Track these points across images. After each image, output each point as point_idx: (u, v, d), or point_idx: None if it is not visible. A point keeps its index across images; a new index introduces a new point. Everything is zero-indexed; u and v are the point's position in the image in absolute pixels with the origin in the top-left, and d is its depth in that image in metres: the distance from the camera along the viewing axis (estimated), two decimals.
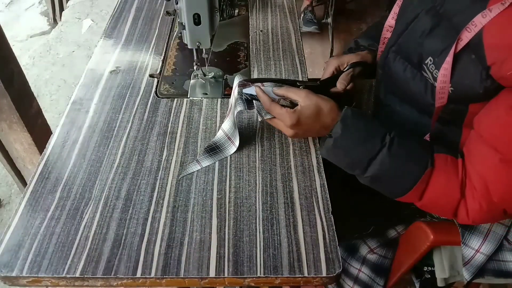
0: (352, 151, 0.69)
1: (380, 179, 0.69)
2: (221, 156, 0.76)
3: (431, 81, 0.68)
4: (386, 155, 0.66)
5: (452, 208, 0.66)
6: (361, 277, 0.85)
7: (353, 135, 0.68)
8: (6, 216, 1.67)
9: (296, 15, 1.18)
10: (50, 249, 0.62)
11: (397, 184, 0.68)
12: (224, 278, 0.59)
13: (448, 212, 0.68)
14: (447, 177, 0.66)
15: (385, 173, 0.67)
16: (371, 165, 0.67)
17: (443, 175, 0.66)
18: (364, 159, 0.67)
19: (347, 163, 0.71)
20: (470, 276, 0.77)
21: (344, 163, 0.71)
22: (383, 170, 0.67)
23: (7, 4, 3.02)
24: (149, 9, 1.20)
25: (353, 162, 0.70)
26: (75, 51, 2.56)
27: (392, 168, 0.67)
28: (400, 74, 0.74)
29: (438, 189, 0.66)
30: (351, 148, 0.68)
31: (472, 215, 0.65)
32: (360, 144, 0.68)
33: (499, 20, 0.57)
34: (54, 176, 0.73)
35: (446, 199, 0.66)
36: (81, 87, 0.92)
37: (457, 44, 0.61)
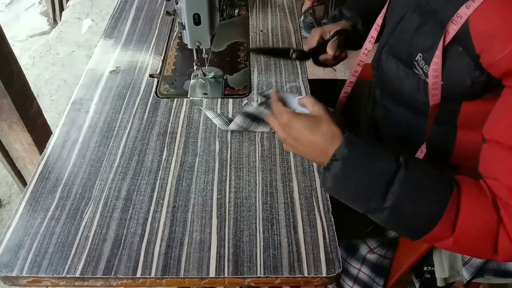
0: (364, 174, 0.58)
1: (403, 209, 0.57)
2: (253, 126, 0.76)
3: (422, 78, 0.68)
4: (404, 176, 0.56)
5: (491, 237, 0.54)
6: (361, 277, 0.85)
7: (362, 155, 0.58)
8: (6, 216, 1.67)
9: (296, 15, 1.18)
10: (50, 249, 0.62)
11: (423, 212, 0.56)
12: (224, 278, 0.59)
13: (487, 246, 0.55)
14: (477, 197, 0.55)
15: (407, 198, 0.56)
16: (390, 190, 0.56)
17: (473, 195, 0.56)
18: (380, 183, 0.56)
19: (361, 193, 0.59)
20: (470, 276, 0.77)
21: (356, 193, 0.60)
22: (404, 194, 0.56)
23: (7, 4, 3.02)
24: (149, 9, 1.20)
25: (367, 189, 0.58)
26: (75, 51, 2.56)
27: (415, 190, 0.56)
28: (393, 74, 0.74)
29: (471, 212, 0.55)
30: (363, 171, 0.58)
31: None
32: (372, 165, 0.57)
33: (483, 8, 0.57)
34: (54, 176, 0.73)
35: (482, 223, 0.55)
36: (81, 87, 0.92)
37: (445, 37, 0.61)
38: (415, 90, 0.70)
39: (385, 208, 0.57)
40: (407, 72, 0.71)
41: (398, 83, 0.74)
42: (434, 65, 0.63)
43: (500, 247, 0.54)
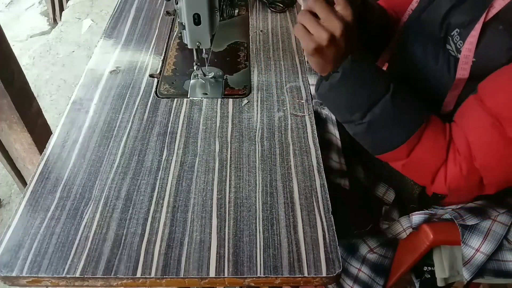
0: (357, 91, 0.66)
1: (377, 127, 0.67)
2: None
3: (453, 53, 0.68)
4: (388, 101, 0.65)
5: (433, 170, 0.66)
6: (361, 276, 0.85)
7: (362, 74, 0.66)
8: (6, 216, 1.67)
9: (296, 15, 1.18)
10: (50, 249, 0.62)
11: (392, 135, 0.67)
12: (224, 278, 0.59)
13: (427, 176, 0.67)
14: (437, 136, 0.66)
15: (383, 120, 0.66)
16: (372, 110, 0.65)
17: (434, 133, 0.66)
18: (367, 101, 0.65)
19: (348, 104, 0.68)
20: (470, 276, 0.77)
21: (344, 103, 0.68)
22: (382, 116, 0.65)
23: (7, 4, 3.02)
24: (149, 9, 1.20)
25: (354, 104, 0.67)
26: (75, 51, 2.56)
27: (392, 117, 0.65)
28: (418, 54, 0.74)
29: (427, 147, 0.65)
30: (357, 88, 0.66)
31: (449, 180, 0.65)
32: (366, 85, 0.66)
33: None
34: (54, 176, 0.73)
35: (432, 158, 0.66)
36: (81, 87, 0.92)
37: (488, 12, 0.61)
38: (445, 70, 0.70)
39: (362, 123, 0.67)
40: (437, 50, 0.71)
41: (424, 64, 0.74)
42: (471, 38, 0.63)
43: (436, 181, 0.67)
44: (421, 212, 0.80)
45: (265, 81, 0.94)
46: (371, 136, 0.69)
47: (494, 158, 0.62)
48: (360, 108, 0.66)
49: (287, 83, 0.94)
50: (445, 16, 0.69)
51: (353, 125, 0.69)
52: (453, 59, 0.69)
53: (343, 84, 0.66)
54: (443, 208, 0.82)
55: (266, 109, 0.87)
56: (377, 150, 0.70)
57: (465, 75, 0.66)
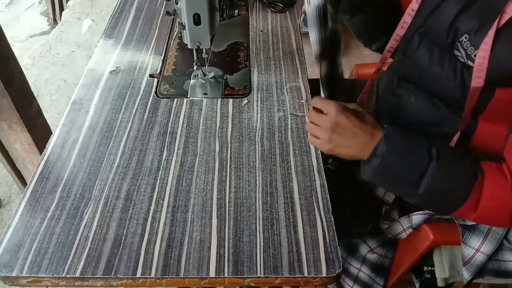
0: (401, 168, 0.65)
1: (433, 195, 0.66)
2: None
3: (462, 60, 0.67)
4: (435, 168, 0.63)
5: (507, 215, 0.64)
6: (361, 276, 0.85)
7: (399, 151, 0.65)
8: (6, 216, 1.67)
9: (296, 15, 1.19)
10: (50, 249, 0.62)
11: (451, 197, 0.65)
12: (224, 278, 0.59)
13: (504, 221, 0.65)
14: (498, 184, 0.63)
15: (437, 186, 0.65)
16: (423, 180, 0.64)
17: (494, 182, 0.64)
18: (414, 174, 0.65)
19: (397, 182, 0.68)
20: (470, 276, 0.77)
21: (393, 183, 0.69)
22: (435, 183, 0.64)
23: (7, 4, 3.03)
24: (149, 9, 1.20)
25: (403, 180, 0.67)
26: (75, 51, 2.56)
27: (444, 181, 0.64)
28: (424, 59, 0.73)
29: (492, 197, 0.64)
30: (400, 165, 0.65)
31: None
32: (408, 160, 0.65)
33: None
34: (54, 176, 0.73)
35: (501, 206, 0.64)
36: (81, 87, 0.92)
37: (501, 18, 0.60)
38: (450, 76, 0.69)
39: (418, 195, 0.66)
40: (443, 55, 0.70)
41: (429, 69, 0.73)
42: (484, 45, 0.62)
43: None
44: (421, 212, 0.80)
45: (265, 81, 0.94)
46: (431, 203, 0.69)
47: None
48: (411, 183, 0.65)
49: (287, 83, 0.94)
50: (453, 21, 0.67)
51: (411, 198, 0.69)
52: (460, 65, 0.68)
53: (385, 166, 0.66)
54: None
55: (266, 109, 0.87)
56: (443, 212, 0.70)
57: (481, 83, 0.65)
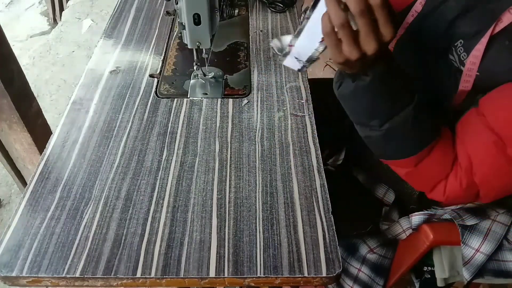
0: (382, 98, 0.62)
1: (392, 136, 0.65)
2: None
3: (456, 65, 0.67)
4: (410, 112, 0.62)
5: (435, 182, 0.66)
6: (361, 276, 0.85)
7: (391, 81, 0.62)
8: (6, 216, 1.67)
9: (296, 15, 1.19)
10: (50, 249, 0.62)
11: (405, 145, 0.66)
12: (224, 278, 0.59)
13: (427, 185, 0.68)
14: (447, 151, 0.66)
15: (401, 130, 0.64)
16: (392, 118, 0.63)
17: (444, 148, 0.66)
18: (389, 110, 0.63)
19: (369, 110, 0.64)
20: (470, 276, 0.77)
21: (365, 108, 0.65)
22: (401, 127, 0.63)
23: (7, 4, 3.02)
24: (149, 9, 1.20)
25: (376, 110, 0.64)
26: (75, 51, 2.56)
27: (410, 128, 0.64)
28: (421, 59, 0.73)
29: (436, 160, 0.66)
30: (383, 95, 0.62)
31: (448, 192, 0.66)
32: (393, 93, 0.62)
33: None
34: (54, 176, 0.73)
35: (437, 172, 0.66)
36: (81, 87, 0.92)
37: (496, 26, 0.60)
38: (445, 79, 0.69)
39: (379, 130, 0.64)
40: (438, 58, 0.70)
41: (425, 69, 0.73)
42: (475, 52, 0.62)
43: (435, 190, 0.68)
44: (420, 213, 0.80)
45: (265, 81, 0.94)
46: (384, 143, 0.67)
47: (494, 175, 0.62)
48: (381, 116, 0.64)
49: (287, 83, 0.94)
50: (450, 24, 0.67)
51: (368, 129, 0.66)
52: (454, 69, 0.68)
53: (371, 89, 0.61)
54: (443, 209, 0.82)
55: (266, 109, 0.87)
56: (385, 156, 0.70)
57: (468, 88, 0.65)
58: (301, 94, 0.91)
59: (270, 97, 0.90)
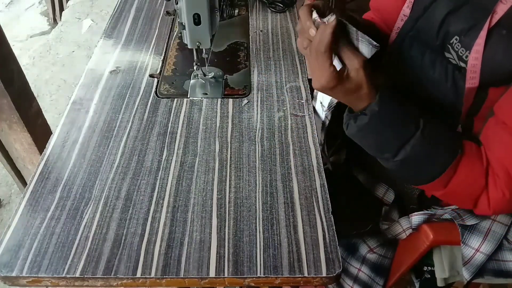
0: (386, 132, 0.65)
1: (410, 164, 0.66)
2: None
3: (454, 62, 0.67)
4: (419, 139, 0.63)
5: (474, 197, 0.65)
6: (360, 276, 0.85)
7: (390, 115, 0.64)
8: (6, 216, 1.67)
9: (296, 15, 1.18)
10: (50, 249, 0.62)
11: (426, 170, 0.66)
12: (224, 278, 0.59)
13: (469, 202, 0.66)
14: (474, 164, 0.64)
15: (416, 157, 0.65)
16: (403, 148, 0.64)
17: (470, 162, 0.65)
18: (397, 141, 0.64)
19: (378, 144, 0.67)
20: (470, 276, 0.77)
21: (374, 144, 0.68)
22: (414, 154, 0.64)
23: (7, 4, 3.02)
24: (149, 9, 1.20)
25: (384, 143, 0.66)
26: (75, 51, 2.56)
27: (424, 153, 0.64)
28: (417, 61, 0.73)
29: (465, 177, 0.65)
30: (386, 129, 0.64)
31: (493, 205, 0.64)
32: (395, 125, 0.64)
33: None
34: (54, 176, 0.73)
35: (471, 187, 0.65)
36: (81, 87, 0.92)
37: (492, 18, 0.61)
38: (442, 79, 0.69)
39: (395, 161, 0.66)
40: (434, 58, 0.70)
41: (421, 72, 0.73)
42: (476, 46, 0.62)
43: (479, 206, 0.66)
44: (420, 212, 0.80)
45: (265, 81, 0.94)
46: (405, 172, 0.69)
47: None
48: (391, 148, 0.65)
49: (287, 83, 0.94)
50: (442, 23, 0.68)
51: (385, 161, 0.68)
52: (452, 67, 0.68)
53: (372, 126, 0.64)
54: (443, 209, 0.82)
55: (266, 109, 0.87)
56: (412, 183, 0.71)
57: (475, 84, 0.65)
58: (301, 94, 0.91)
59: (270, 97, 0.90)
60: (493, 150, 0.64)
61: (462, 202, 0.71)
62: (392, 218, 0.89)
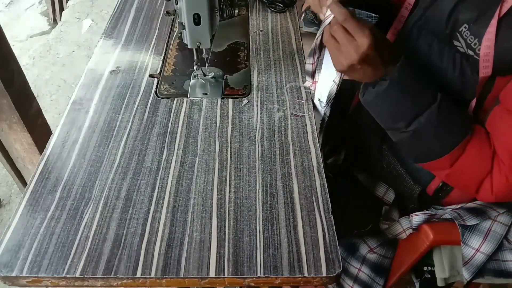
0: (403, 99, 0.65)
1: (421, 136, 0.66)
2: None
3: (462, 50, 0.67)
4: (435, 111, 0.64)
5: (478, 181, 0.65)
6: (361, 276, 0.85)
7: (409, 83, 0.65)
8: (6, 216, 1.67)
9: (296, 15, 1.18)
10: (50, 249, 0.62)
11: (436, 145, 0.66)
12: (224, 278, 0.59)
13: (473, 185, 0.66)
14: (482, 147, 0.65)
15: (428, 130, 0.65)
16: (417, 119, 0.64)
17: (479, 144, 0.65)
18: (412, 110, 0.65)
19: (394, 112, 0.67)
20: (470, 276, 0.77)
21: (389, 112, 0.68)
22: (428, 126, 0.64)
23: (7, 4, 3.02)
24: (149, 9, 1.20)
25: (400, 112, 0.66)
26: (75, 51, 2.56)
27: (437, 127, 0.65)
28: (424, 51, 0.74)
29: (473, 157, 0.65)
30: (403, 96, 0.65)
31: (496, 190, 0.65)
32: (413, 94, 0.65)
33: None
34: (54, 176, 0.73)
35: (476, 169, 0.65)
36: (81, 87, 0.92)
37: (502, 7, 0.61)
38: (450, 68, 0.70)
39: (407, 131, 0.66)
40: (442, 47, 0.71)
41: (429, 61, 0.73)
42: (488, 35, 0.62)
43: (482, 191, 0.66)
44: (420, 212, 0.80)
45: (265, 81, 0.94)
46: (415, 144, 0.69)
47: None
48: (406, 117, 0.65)
49: (287, 83, 0.94)
50: (451, 12, 0.68)
51: (398, 132, 0.68)
52: (460, 56, 0.68)
53: (390, 92, 0.65)
54: (443, 208, 0.82)
55: (266, 109, 0.87)
56: (420, 158, 0.70)
57: (488, 73, 0.65)
58: (301, 94, 0.91)
59: (270, 97, 0.90)
60: (498, 137, 0.64)
61: (465, 185, 0.70)
62: (392, 218, 0.89)
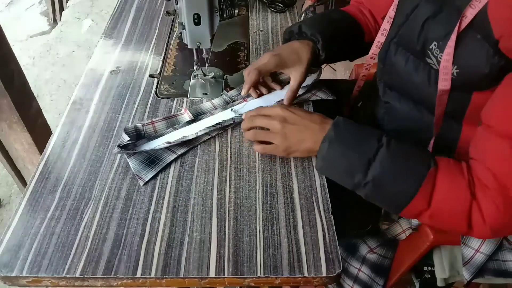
0: (349, 152, 0.65)
1: (383, 183, 0.63)
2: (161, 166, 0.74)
3: (435, 67, 0.68)
4: (385, 154, 0.63)
5: (465, 213, 0.60)
6: (361, 276, 0.85)
7: (349, 135, 0.66)
8: (6, 216, 1.67)
9: (296, 15, 1.19)
10: (50, 249, 0.62)
11: (402, 187, 0.62)
12: (224, 278, 0.59)
13: (460, 221, 0.61)
14: (453, 177, 0.61)
15: (386, 174, 0.63)
16: (371, 166, 0.63)
17: (449, 175, 0.62)
18: (363, 160, 0.63)
19: (346, 168, 0.65)
20: (470, 276, 0.77)
21: (342, 169, 0.66)
22: (385, 170, 0.62)
23: (7, 4, 3.02)
24: (149, 9, 1.20)
25: (351, 166, 0.65)
26: (75, 51, 2.56)
27: (394, 168, 0.63)
28: (401, 67, 0.74)
29: (446, 190, 0.61)
30: (348, 150, 0.65)
31: (488, 219, 0.59)
32: (358, 144, 0.65)
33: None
34: (54, 176, 0.73)
35: (456, 201, 0.61)
36: (81, 87, 0.92)
37: (461, 22, 0.61)
38: (425, 83, 0.70)
39: (367, 183, 0.64)
40: (417, 63, 0.71)
41: (407, 76, 0.73)
42: (448, 49, 0.63)
43: (474, 224, 0.61)
44: None
45: None
46: (382, 194, 0.65)
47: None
48: (359, 168, 0.64)
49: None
50: (421, 29, 0.69)
51: (361, 187, 0.65)
52: (434, 72, 0.68)
53: (334, 150, 0.66)
54: None
55: None
56: (395, 208, 0.66)
57: (447, 86, 0.66)
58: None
59: None
60: (481, 159, 0.61)
61: (454, 224, 0.64)
62: (392, 218, 0.89)
